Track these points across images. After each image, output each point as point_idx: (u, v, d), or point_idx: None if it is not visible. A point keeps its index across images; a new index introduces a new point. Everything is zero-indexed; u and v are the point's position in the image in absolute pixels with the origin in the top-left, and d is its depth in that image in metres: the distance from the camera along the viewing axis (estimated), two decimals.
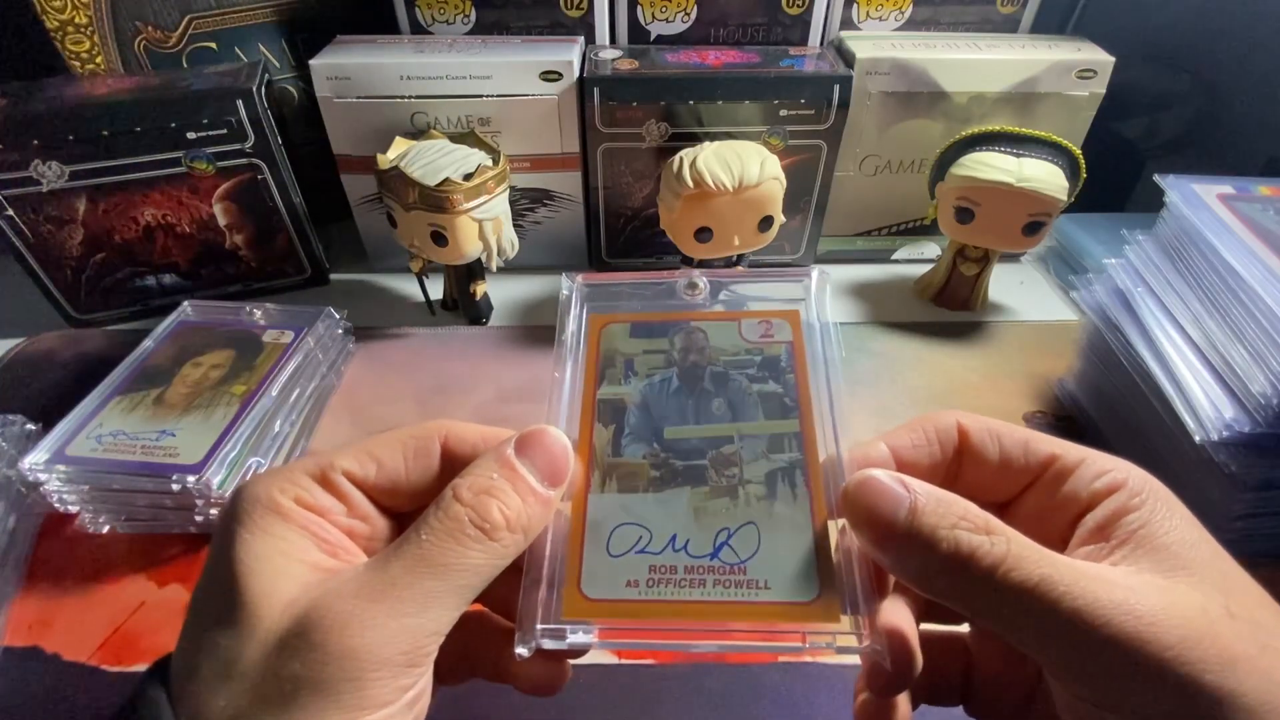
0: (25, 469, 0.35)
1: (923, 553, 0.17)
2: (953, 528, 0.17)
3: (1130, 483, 0.19)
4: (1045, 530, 0.20)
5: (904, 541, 0.18)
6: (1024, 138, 0.48)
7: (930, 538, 0.17)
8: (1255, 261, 0.35)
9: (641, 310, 0.26)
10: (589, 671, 0.33)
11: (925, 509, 0.18)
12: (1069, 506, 0.20)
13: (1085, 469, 0.20)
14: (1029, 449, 0.21)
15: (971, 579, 0.17)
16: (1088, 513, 0.19)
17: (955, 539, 0.17)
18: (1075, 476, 0.20)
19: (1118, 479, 0.19)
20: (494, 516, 0.18)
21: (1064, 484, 0.20)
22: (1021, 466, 0.21)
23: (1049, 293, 0.58)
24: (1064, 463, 0.20)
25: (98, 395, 0.39)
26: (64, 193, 0.48)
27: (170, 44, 0.53)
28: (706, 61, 0.52)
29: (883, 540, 0.18)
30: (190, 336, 0.44)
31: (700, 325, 0.25)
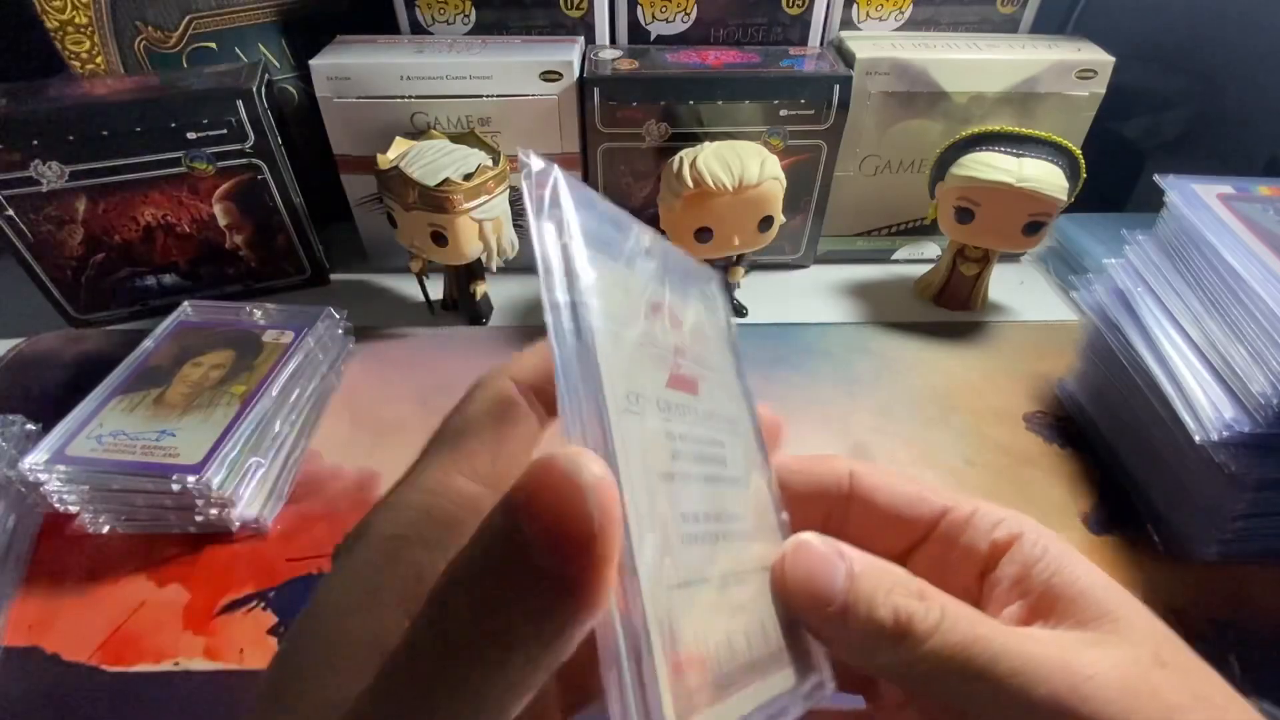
0: (25, 469, 0.35)
1: (863, 624, 0.16)
2: (889, 594, 0.16)
3: (1027, 533, 0.19)
4: (952, 584, 0.18)
5: (842, 612, 0.16)
6: (1024, 138, 0.48)
7: (869, 606, 0.16)
8: (1255, 261, 0.35)
9: None
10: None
11: (862, 575, 0.17)
12: (970, 560, 0.19)
13: (980, 520, 0.19)
14: (920, 499, 0.20)
15: (910, 648, 0.16)
16: (990, 566, 0.19)
17: (894, 605, 0.16)
18: (971, 528, 0.19)
19: (1013, 530, 0.19)
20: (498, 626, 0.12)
21: (960, 537, 0.19)
22: (911, 517, 0.20)
23: (1049, 293, 0.58)
24: (956, 515, 0.20)
25: (98, 395, 0.39)
26: (64, 193, 0.48)
27: (170, 44, 0.53)
28: (706, 61, 0.52)
29: (821, 611, 0.17)
30: (190, 336, 0.44)
31: None
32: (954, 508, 0.20)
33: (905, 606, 0.16)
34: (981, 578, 0.19)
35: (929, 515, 0.20)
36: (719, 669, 0.14)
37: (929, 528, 0.20)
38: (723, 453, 0.17)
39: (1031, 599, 0.18)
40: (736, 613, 0.15)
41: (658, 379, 0.16)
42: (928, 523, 0.20)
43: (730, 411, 0.19)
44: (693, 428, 0.16)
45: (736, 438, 0.18)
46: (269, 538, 0.39)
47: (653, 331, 0.16)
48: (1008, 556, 0.19)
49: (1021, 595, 0.18)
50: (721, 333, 0.20)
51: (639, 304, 0.16)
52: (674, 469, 0.15)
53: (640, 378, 0.15)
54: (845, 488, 0.21)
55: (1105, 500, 0.41)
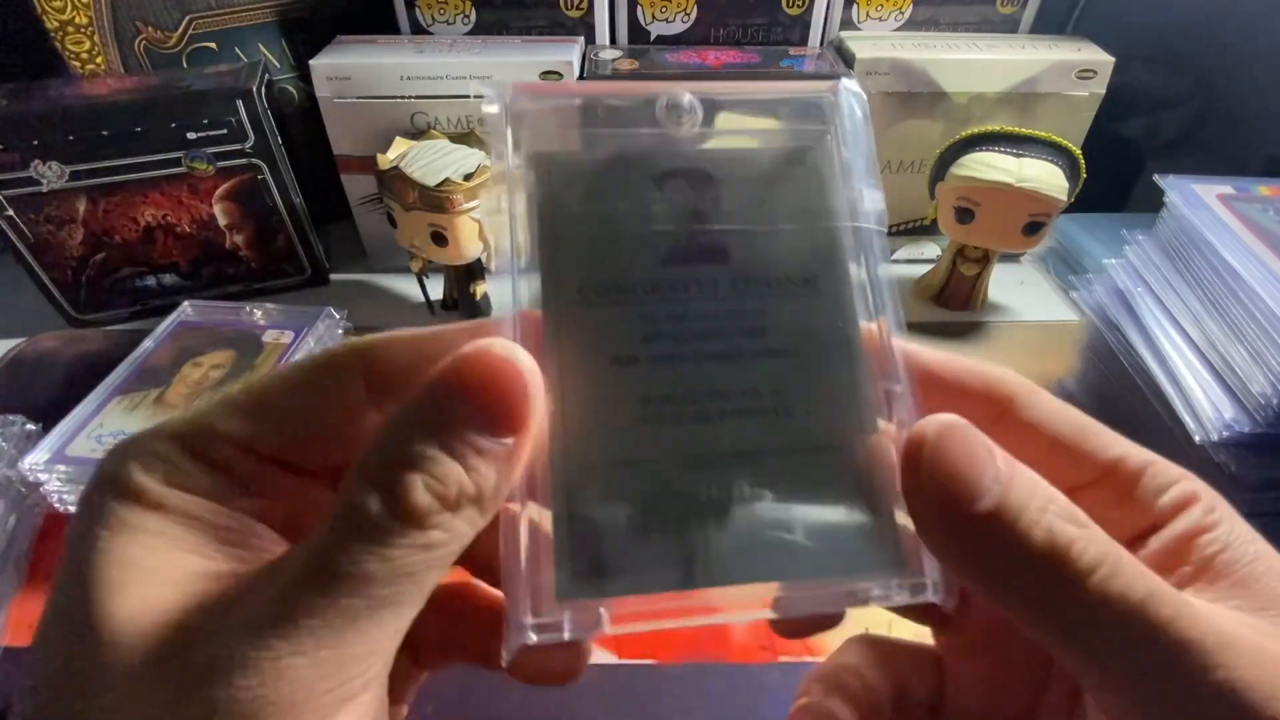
0: (25, 469, 0.35)
1: (1007, 541, 0.13)
2: (1042, 512, 0.13)
3: (1203, 497, 0.16)
4: None
5: (985, 524, 0.13)
6: (1024, 138, 0.48)
7: (1018, 521, 0.13)
8: (1255, 261, 0.35)
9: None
10: (589, 671, 0.33)
11: (1015, 483, 0.13)
12: (1134, 520, 0.16)
13: (1152, 476, 0.16)
14: (1089, 442, 0.16)
15: (1062, 582, 0.13)
16: (1153, 529, 0.16)
17: (1050, 527, 0.13)
18: (1142, 485, 0.16)
19: (1190, 491, 0.16)
20: (418, 499, 0.13)
21: (1130, 491, 0.16)
22: (1073, 460, 0.16)
23: (1049, 293, 0.58)
24: (1128, 466, 0.16)
25: (98, 395, 0.39)
26: (64, 193, 0.48)
27: (170, 44, 0.53)
28: (706, 62, 0.52)
29: (958, 510, 0.13)
30: (190, 336, 0.44)
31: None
32: (1127, 456, 0.16)
33: (1064, 530, 0.13)
34: (1139, 541, 0.16)
35: (1099, 462, 0.16)
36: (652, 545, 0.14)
37: (1093, 474, 0.16)
38: (761, 321, 0.16)
39: (1189, 568, 0.15)
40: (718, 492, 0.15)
41: (645, 260, 0.16)
42: (1095, 469, 0.16)
43: (799, 268, 0.17)
44: (704, 303, 0.16)
45: (797, 298, 0.16)
46: None
47: (649, 209, 0.16)
48: (1175, 521, 0.16)
49: (1182, 562, 0.15)
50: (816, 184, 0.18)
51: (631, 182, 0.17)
52: (641, 350, 0.15)
53: (608, 266, 0.16)
54: (1002, 404, 0.17)
55: None
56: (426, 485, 0.13)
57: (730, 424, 0.15)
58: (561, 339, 0.15)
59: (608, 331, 0.16)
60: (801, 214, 0.17)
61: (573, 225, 0.16)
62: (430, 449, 0.13)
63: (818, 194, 0.17)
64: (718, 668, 0.33)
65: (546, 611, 0.14)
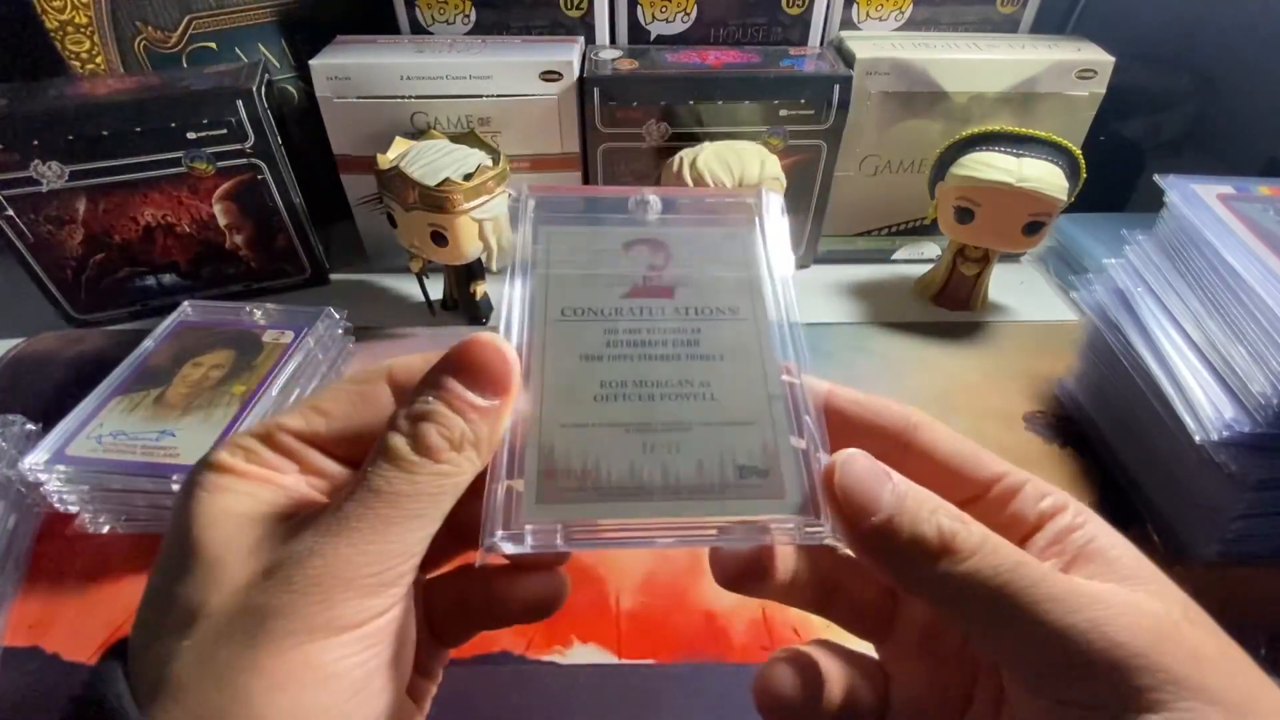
0: (25, 469, 0.35)
1: (907, 535, 0.17)
2: (933, 512, 0.17)
3: (1071, 505, 0.19)
4: None
5: (886, 528, 0.17)
6: (1024, 138, 0.48)
7: (913, 520, 0.17)
8: (1255, 261, 0.35)
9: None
10: (589, 671, 0.33)
11: (908, 493, 0.18)
12: (1016, 526, 0.20)
13: (1031, 489, 0.20)
14: (980, 462, 0.21)
15: (952, 563, 0.17)
16: (1034, 532, 0.19)
17: (937, 524, 0.17)
18: (1021, 496, 0.20)
19: (1060, 501, 0.20)
20: (433, 440, 0.18)
21: (1010, 504, 0.20)
22: (970, 478, 0.21)
23: (1049, 293, 0.58)
24: (1010, 482, 0.20)
25: (98, 395, 0.39)
26: (64, 193, 0.48)
27: (170, 44, 0.53)
28: (706, 61, 0.52)
29: (863, 525, 0.18)
30: (190, 336, 0.44)
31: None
32: (1009, 474, 0.20)
33: (949, 525, 0.17)
34: (1024, 542, 0.19)
35: (984, 477, 0.21)
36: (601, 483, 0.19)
37: (981, 490, 0.20)
38: (696, 336, 0.22)
39: (1066, 558, 0.18)
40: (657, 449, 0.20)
41: (611, 294, 0.23)
42: (981, 484, 0.20)
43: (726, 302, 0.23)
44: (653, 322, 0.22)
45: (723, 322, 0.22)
46: None
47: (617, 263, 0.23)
48: (1049, 525, 0.19)
49: (1058, 555, 0.19)
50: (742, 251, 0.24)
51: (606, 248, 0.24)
52: (604, 352, 0.21)
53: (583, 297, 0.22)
54: (907, 433, 0.21)
55: (1105, 500, 0.41)
56: (438, 430, 0.18)
57: (668, 403, 0.20)
58: (546, 341, 0.21)
59: (580, 338, 0.21)
60: (730, 267, 0.24)
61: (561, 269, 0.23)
62: (440, 406, 0.18)
63: (743, 257, 0.24)
64: (718, 668, 0.33)
65: (513, 527, 0.18)
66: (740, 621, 0.35)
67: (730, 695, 0.32)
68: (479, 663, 0.33)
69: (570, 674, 0.33)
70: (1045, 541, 0.19)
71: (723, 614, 0.35)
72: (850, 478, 0.18)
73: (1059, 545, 0.19)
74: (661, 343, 0.22)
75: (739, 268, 0.24)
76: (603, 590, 0.36)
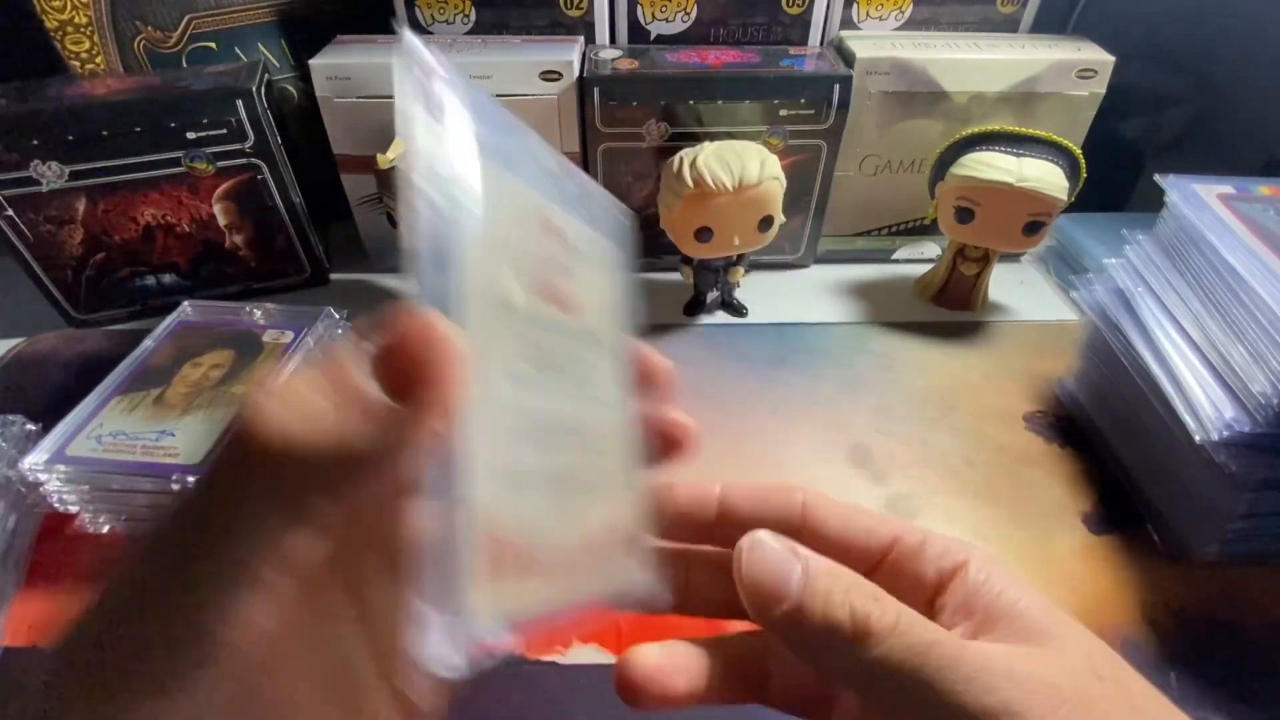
0: (25, 469, 0.35)
1: (819, 622, 0.17)
2: (846, 593, 0.17)
3: (973, 560, 0.19)
4: None
5: (797, 610, 0.17)
6: (1024, 137, 0.48)
7: (825, 605, 0.17)
8: (1255, 261, 0.35)
9: None
10: (589, 671, 0.33)
11: (817, 575, 0.17)
12: (921, 588, 0.20)
13: (928, 549, 0.20)
14: (871, 530, 0.21)
15: (867, 648, 0.16)
16: (938, 592, 0.19)
17: (850, 606, 0.17)
18: (920, 558, 0.20)
19: (960, 558, 0.19)
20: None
21: (909, 565, 0.20)
22: (863, 547, 0.21)
23: (1049, 293, 0.58)
24: (906, 544, 0.20)
25: (98, 395, 0.39)
26: (64, 193, 0.48)
27: (170, 44, 0.53)
28: (706, 61, 0.52)
29: (774, 609, 0.17)
30: (190, 336, 0.44)
31: None
32: (903, 537, 0.20)
33: (862, 606, 0.17)
34: (930, 604, 0.20)
35: (879, 545, 0.21)
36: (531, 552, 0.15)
37: (880, 556, 0.21)
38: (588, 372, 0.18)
39: (976, 620, 0.18)
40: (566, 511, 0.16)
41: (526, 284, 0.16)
42: (879, 551, 0.21)
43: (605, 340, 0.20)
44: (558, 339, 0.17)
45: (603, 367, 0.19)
46: None
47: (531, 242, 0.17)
48: (954, 583, 0.19)
49: (966, 617, 0.19)
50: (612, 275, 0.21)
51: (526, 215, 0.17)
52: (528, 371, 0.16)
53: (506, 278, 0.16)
54: (798, 518, 0.21)
55: (1105, 500, 0.41)
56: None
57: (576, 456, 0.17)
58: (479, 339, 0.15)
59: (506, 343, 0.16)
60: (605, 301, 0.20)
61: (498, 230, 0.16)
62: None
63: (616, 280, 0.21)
64: None
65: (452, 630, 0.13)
66: (740, 622, 0.35)
67: None
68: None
69: (570, 674, 0.33)
70: (954, 605, 0.19)
71: None
72: (755, 565, 0.18)
73: (967, 606, 0.19)
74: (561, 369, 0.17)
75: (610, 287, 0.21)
76: None
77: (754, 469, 0.42)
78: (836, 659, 0.17)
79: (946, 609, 0.19)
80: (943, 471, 0.43)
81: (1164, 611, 0.35)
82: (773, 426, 0.45)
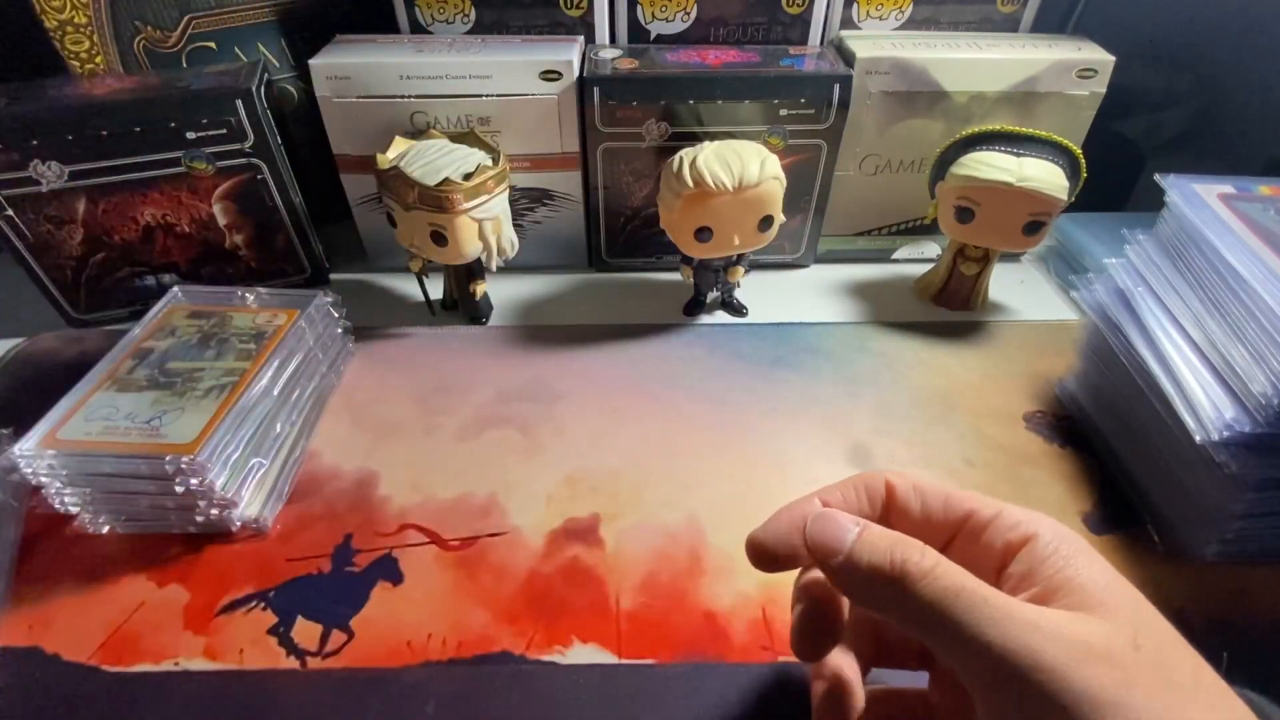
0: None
1: (864, 571, 0.20)
2: (891, 547, 0.20)
3: (1042, 533, 0.21)
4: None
5: (848, 563, 0.21)
6: (1024, 137, 0.48)
7: (870, 554, 0.20)
8: (1256, 261, 0.35)
9: None
10: (589, 671, 0.33)
11: (867, 535, 0.21)
12: (989, 557, 0.22)
13: (1000, 521, 0.22)
14: (948, 505, 0.23)
15: (905, 586, 0.19)
16: (1005, 562, 0.21)
17: (890, 555, 0.20)
18: (991, 529, 0.22)
19: (1029, 530, 0.21)
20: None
21: (981, 536, 0.22)
22: (941, 520, 0.23)
23: (1049, 292, 0.58)
24: (980, 517, 0.22)
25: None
26: (64, 193, 0.48)
27: (170, 44, 0.53)
28: (706, 61, 0.52)
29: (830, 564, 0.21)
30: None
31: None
32: (978, 510, 0.23)
33: (902, 554, 0.20)
34: (998, 573, 0.21)
35: (955, 517, 0.23)
36: None
37: (956, 528, 0.23)
38: None
39: (1036, 590, 0.20)
40: None
41: None
42: (955, 524, 0.23)
43: None
44: None
45: None
46: (269, 538, 0.39)
47: None
48: (1021, 554, 0.21)
49: (1029, 586, 0.20)
50: None
51: None
52: None
53: None
54: (882, 496, 0.24)
55: (1105, 500, 0.41)
56: None
57: None
58: None
59: None
60: None
61: None
62: None
63: None
64: (717, 668, 0.33)
65: None
66: (740, 622, 0.35)
67: (730, 695, 0.32)
68: (479, 663, 0.33)
69: (570, 674, 0.33)
70: (1019, 574, 0.21)
71: (723, 614, 0.35)
72: (816, 530, 0.22)
73: (1030, 577, 0.20)
74: None
75: None
76: (603, 590, 0.36)
77: (754, 469, 0.42)
78: (882, 598, 0.20)
79: (1012, 578, 0.21)
80: (943, 471, 0.43)
81: (1164, 611, 0.35)
82: (772, 426, 0.45)
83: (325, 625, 0.35)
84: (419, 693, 0.32)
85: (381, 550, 0.38)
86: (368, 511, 0.40)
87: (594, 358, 0.51)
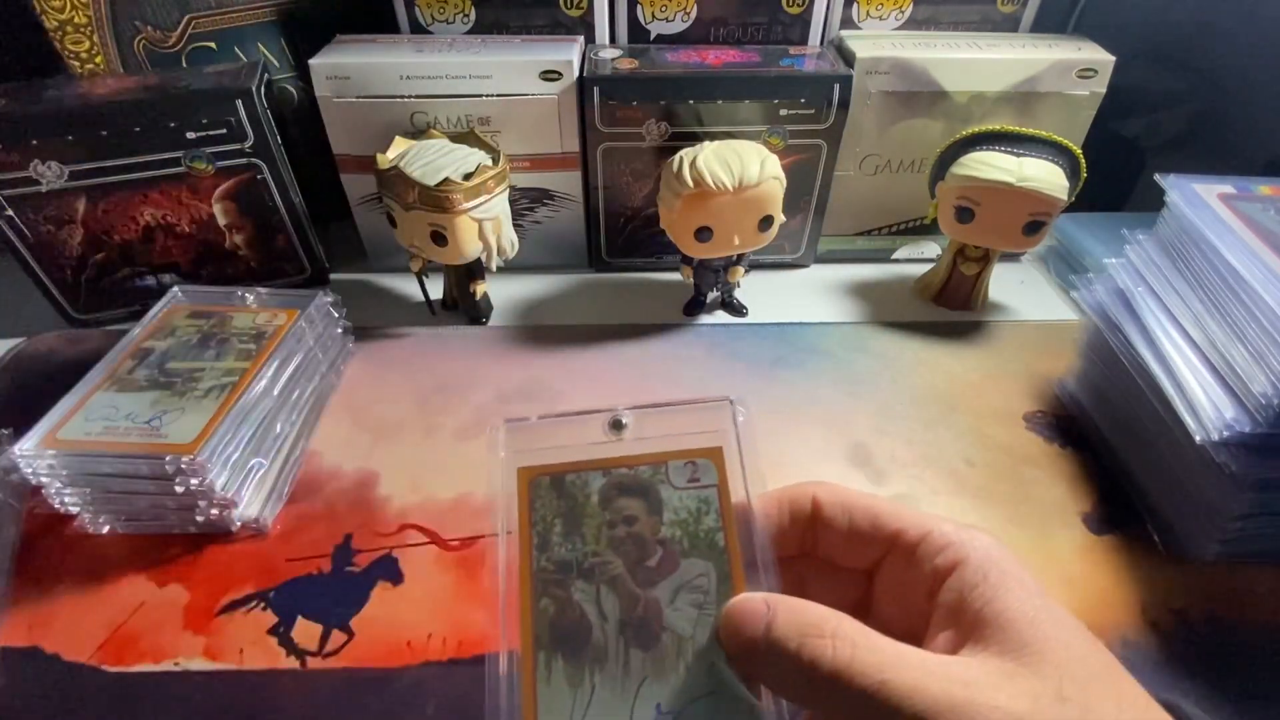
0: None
1: (776, 661, 0.19)
2: (801, 637, 0.19)
3: (971, 558, 0.20)
4: (908, 602, 0.21)
5: (763, 654, 0.19)
6: (1024, 137, 0.48)
7: (781, 648, 0.19)
8: (1256, 261, 0.35)
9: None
10: None
11: (779, 623, 0.19)
12: (920, 581, 0.21)
13: (927, 544, 0.21)
14: (877, 523, 0.22)
15: (820, 683, 0.18)
16: (934, 589, 0.20)
17: (799, 647, 0.19)
18: (920, 551, 0.21)
19: (956, 556, 0.20)
20: None
21: (911, 557, 0.21)
22: (870, 538, 0.22)
23: (1049, 293, 0.58)
24: (907, 539, 0.21)
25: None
26: (64, 193, 0.48)
27: (170, 44, 0.53)
28: (706, 61, 0.52)
29: (748, 655, 0.20)
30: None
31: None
32: (904, 532, 0.22)
33: (811, 648, 0.19)
34: (930, 599, 0.20)
35: (882, 537, 0.22)
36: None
37: (885, 548, 0.22)
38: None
39: (964, 625, 0.19)
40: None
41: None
42: (885, 541, 0.22)
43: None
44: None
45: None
46: (269, 538, 0.39)
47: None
48: (949, 582, 0.20)
49: (955, 622, 0.19)
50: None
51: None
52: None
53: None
54: (807, 512, 0.23)
55: (1105, 500, 0.41)
56: None
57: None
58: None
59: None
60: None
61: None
62: None
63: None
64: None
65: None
66: None
67: None
68: (479, 663, 0.33)
69: None
70: (947, 606, 0.20)
71: None
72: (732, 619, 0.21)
73: (955, 613, 0.19)
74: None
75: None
76: None
77: None
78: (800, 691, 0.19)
79: (941, 608, 0.20)
80: (943, 471, 0.43)
81: (1164, 611, 0.35)
82: (773, 426, 0.45)
83: (325, 625, 0.35)
84: (419, 693, 0.32)
85: (381, 550, 0.38)
86: (368, 511, 0.40)
87: (594, 358, 0.51)
